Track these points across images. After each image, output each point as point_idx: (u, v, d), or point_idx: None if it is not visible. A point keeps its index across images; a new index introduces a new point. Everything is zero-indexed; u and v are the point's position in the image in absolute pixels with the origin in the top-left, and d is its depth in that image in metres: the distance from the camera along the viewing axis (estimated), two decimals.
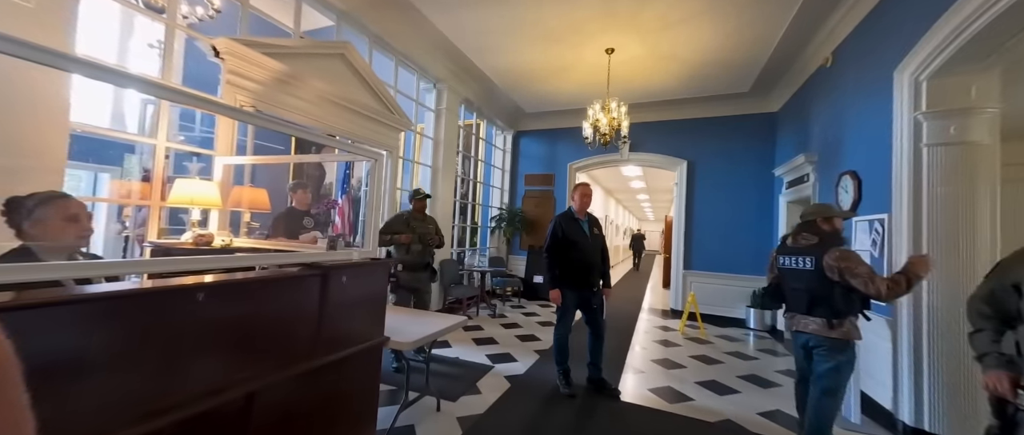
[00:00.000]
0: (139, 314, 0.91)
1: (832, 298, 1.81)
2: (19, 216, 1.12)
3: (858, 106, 3.11)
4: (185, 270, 1.16)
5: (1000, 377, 1.26)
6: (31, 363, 0.35)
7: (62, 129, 1.67)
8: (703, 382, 3.13)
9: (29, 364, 0.35)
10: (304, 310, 1.35)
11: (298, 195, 2.98)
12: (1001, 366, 1.28)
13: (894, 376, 2.44)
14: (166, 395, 0.95)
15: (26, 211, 1.12)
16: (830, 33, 3.55)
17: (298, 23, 3.17)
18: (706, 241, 5.65)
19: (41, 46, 0.72)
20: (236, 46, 2.19)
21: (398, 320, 2.24)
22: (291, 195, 3.00)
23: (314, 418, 1.40)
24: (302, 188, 3.05)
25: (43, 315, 0.76)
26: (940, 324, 2.25)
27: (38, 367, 0.73)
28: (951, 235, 2.26)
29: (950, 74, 2.28)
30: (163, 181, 2.19)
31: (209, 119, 3.93)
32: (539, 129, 6.83)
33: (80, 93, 1.87)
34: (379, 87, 3.27)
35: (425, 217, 3.37)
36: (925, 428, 2.25)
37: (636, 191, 14.34)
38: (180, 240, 2.05)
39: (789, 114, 4.88)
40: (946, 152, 2.31)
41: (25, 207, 1.12)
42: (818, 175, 3.84)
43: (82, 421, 0.80)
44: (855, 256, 1.80)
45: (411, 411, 2.34)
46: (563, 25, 3.83)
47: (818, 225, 1.95)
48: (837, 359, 1.80)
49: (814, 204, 2.17)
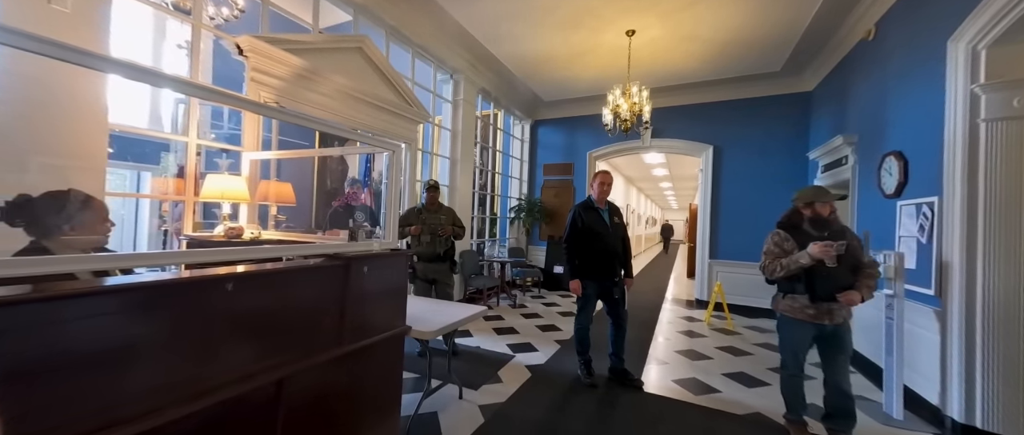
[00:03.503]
0: (176, 303, 0.95)
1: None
2: (60, 219, 1.18)
3: (905, 81, 2.88)
4: (217, 261, 1.20)
5: None
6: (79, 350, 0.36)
7: (102, 129, 1.76)
8: (731, 374, 3.04)
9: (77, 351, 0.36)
10: (329, 300, 1.38)
11: (352, 191, 3.06)
12: None
13: (942, 370, 2.29)
14: (203, 380, 0.99)
15: (67, 215, 1.19)
16: (872, 3, 3.28)
17: (317, 18, 3.21)
18: (733, 229, 5.44)
19: (79, 48, 0.74)
20: (259, 44, 2.24)
21: (420, 309, 2.27)
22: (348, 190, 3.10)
23: (341, 404, 1.44)
24: (356, 185, 3.14)
25: (90, 304, 0.80)
26: (997, 315, 2.08)
27: (88, 353, 0.78)
28: (1012, 219, 2.06)
29: (1014, 41, 2.06)
30: (196, 177, 2.28)
31: (236, 117, 4.08)
32: (558, 117, 6.71)
33: (117, 95, 1.97)
34: (397, 79, 3.28)
35: (440, 208, 3.38)
36: (978, 425, 2.10)
37: (659, 179, 13.95)
38: (213, 233, 2.14)
39: (825, 93, 4.58)
40: (1008, 127, 2.10)
41: (66, 211, 1.20)
42: (858, 157, 3.59)
43: (131, 403, 0.85)
44: (768, 239, 2.14)
45: (434, 398, 2.38)
46: (581, 8, 3.71)
47: (799, 211, 2.08)
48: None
49: (804, 187, 2.12)
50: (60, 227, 1.18)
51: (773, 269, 2.05)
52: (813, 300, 1.97)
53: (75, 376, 0.76)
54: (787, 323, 2.10)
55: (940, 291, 2.34)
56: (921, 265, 2.51)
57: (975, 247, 2.16)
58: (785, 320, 2.10)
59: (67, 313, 0.75)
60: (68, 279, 0.94)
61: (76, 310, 0.77)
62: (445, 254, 3.32)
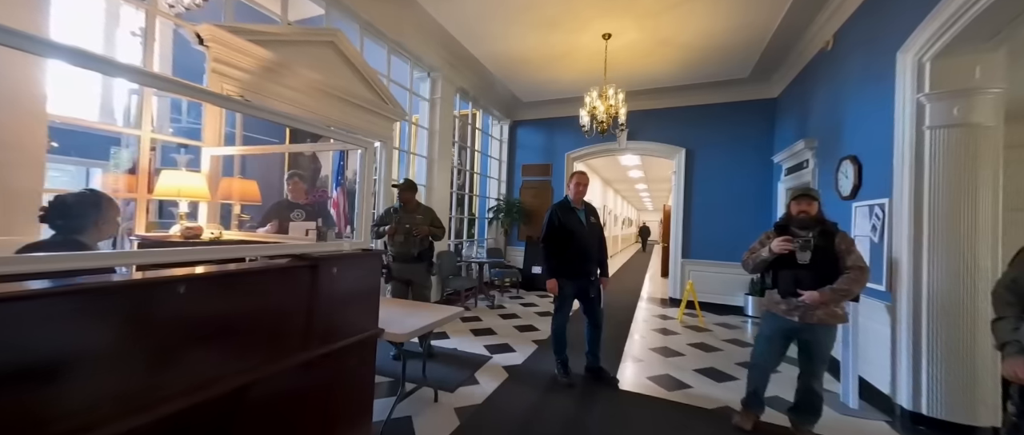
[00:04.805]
0: (124, 307, 0.88)
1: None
2: (96, 214, 1.36)
3: (859, 89, 3.06)
4: (172, 262, 1.12)
5: (1021, 364, 1.25)
6: (10, 359, 0.31)
7: (39, 120, 1.62)
8: (701, 369, 3.14)
9: (9, 359, 0.31)
10: (295, 302, 1.32)
11: (292, 185, 2.93)
12: (1022, 354, 1.27)
13: (892, 361, 2.44)
14: (153, 389, 0.92)
15: (102, 210, 1.38)
16: (831, 15, 3.48)
17: (285, 10, 3.08)
18: (704, 230, 5.63)
19: (8, 27, 0.67)
20: (221, 33, 2.12)
21: (393, 312, 2.21)
22: (287, 184, 2.95)
23: (307, 411, 1.38)
24: (297, 178, 2.99)
25: (22, 309, 0.72)
26: (941, 309, 2.24)
27: (20, 363, 0.70)
28: (953, 219, 2.23)
29: (954, 54, 2.23)
30: (149, 173, 2.14)
31: (196, 110, 3.85)
32: (536, 118, 6.75)
33: (63, 85, 1.81)
34: (371, 76, 3.20)
35: (417, 207, 3.29)
36: (924, 412, 2.25)
37: (634, 180, 14.28)
38: (168, 233, 2.00)
39: (789, 99, 4.82)
40: (948, 134, 2.27)
41: (100, 207, 1.37)
42: (818, 161, 3.80)
43: (69, 417, 0.77)
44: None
45: (409, 402, 2.33)
46: (559, 10, 3.74)
47: (789, 211, 2.16)
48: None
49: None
50: (96, 225, 1.37)
51: (746, 261, 2.19)
52: (782, 295, 2.06)
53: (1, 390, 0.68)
54: (765, 315, 2.23)
55: (890, 286, 2.50)
56: (874, 263, 2.68)
57: (921, 245, 2.32)
58: (764, 312, 2.23)
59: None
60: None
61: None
62: (420, 255, 3.24)
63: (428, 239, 3.27)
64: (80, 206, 1.34)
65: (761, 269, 2.14)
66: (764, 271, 2.14)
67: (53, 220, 1.30)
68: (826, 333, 2.00)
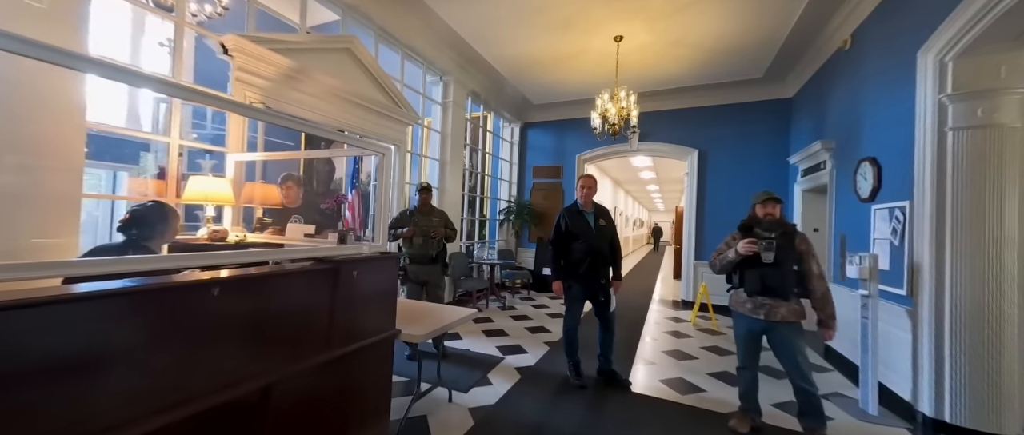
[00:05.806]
0: (156, 309, 0.93)
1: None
2: (164, 225, 1.52)
3: (878, 90, 3.00)
4: (201, 265, 1.18)
5: None
6: (47, 359, 0.35)
7: (79, 129, 1.71)
8: (715, 373, 3.11)
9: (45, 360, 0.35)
10: (317, 304, 1.37)
11: (285, 190, 2.70)
12: None
13: (914, 367, 2.39)
14: (184, 388, 0.97)
15: (168, 221, 1.54)
16: (849, 14, 3.41)
17: (304, 17, 3.17)
18: (718, 231, 5.55)
19: (54, 47, 0.72)
20: (244, 43, 2.20)
21: (409, 313, 2.26)
22: (280, 189, 2.69)
23: (330, 409, 1.42)
24: (291, 182, 2.76)
25: (60, 312, 0.77)
26: (964, 314, 2.18)
27: (55, 363, 0.75)
28: (978, 221, 2.17)
29: (978, 54, 2.18)
30: (177, 178, 2.23)
31: (219, 117, 3.98)
32: (547, 120, 6.76)
33: (95, 93, 1.90)
34: (385, 81, 3.26)
35: (432, 210, 3.37)
36: (946, 419, 2.20)
37: (646, 182, 14.15)
38: (195, 236, 2.09)
39: (805, 100, 4.73)
40: (972, 135, 2.21)
41: (168, 218, 1.54)
42: (835, 162, 3.73)
43: (103, 415, 0.82)
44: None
45: (424, 402, 2.37)
46: (570, 12, 3.76)
47: (755, 213, 2.23)
48: None
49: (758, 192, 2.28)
50: (162, 233, 1.53)
51: (713, 262, 2.26)
52: (748, 294, 2.12)
53: (44, 385, 0.73)
54: (734, 316, 2.26)
55: (912, 291, 2.45)
56: (894, 266, 2.62)
57: (943, 249, 2.27)
58: (733, 313, 2.27)
59: (34, 322, 0.72)
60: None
61: (46, 318, 0.74)
62: (437, 256, 3.31)
63: (443, 241, 3.34)
64: (153, 216, 1.50)
65: (728, 270, 2.21)
66: (731, 272, 2.21)
67: (129, 229, 1.45)
68: (790, 330, 2.06)
